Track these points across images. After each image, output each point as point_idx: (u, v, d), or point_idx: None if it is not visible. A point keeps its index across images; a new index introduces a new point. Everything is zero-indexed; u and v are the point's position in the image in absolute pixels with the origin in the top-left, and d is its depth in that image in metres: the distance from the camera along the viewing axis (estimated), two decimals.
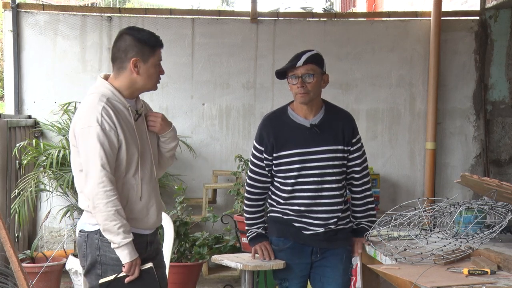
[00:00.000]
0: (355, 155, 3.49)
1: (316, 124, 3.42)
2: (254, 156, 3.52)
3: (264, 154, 3.47)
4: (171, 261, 4.65)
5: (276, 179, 3.49)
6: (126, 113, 2.97)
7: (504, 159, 7.02)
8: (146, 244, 3.05)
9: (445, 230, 3.26)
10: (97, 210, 2.86)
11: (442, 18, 6.75)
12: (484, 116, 6.95)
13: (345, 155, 3.46)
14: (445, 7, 6.91)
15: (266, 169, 3.50)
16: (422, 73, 6.90)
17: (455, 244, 3.11)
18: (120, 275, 2.92)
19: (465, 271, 2.83)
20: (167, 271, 3.52)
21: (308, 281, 3.59)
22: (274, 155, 3.44)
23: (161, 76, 3.07)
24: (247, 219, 3.60)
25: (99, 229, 2.94)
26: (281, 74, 3.43)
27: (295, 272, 3.49)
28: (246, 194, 3.59)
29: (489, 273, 2.82)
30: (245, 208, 3.61)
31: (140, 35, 2.98)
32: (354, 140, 3.48)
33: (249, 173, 3.56)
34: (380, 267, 3.11)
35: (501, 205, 3.27)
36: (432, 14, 6.73)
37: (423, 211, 3.14)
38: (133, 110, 3.02)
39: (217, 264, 3.90)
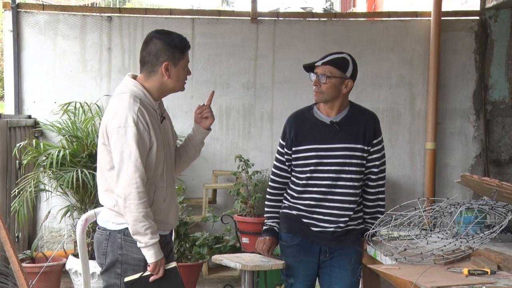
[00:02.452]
0: (374, 156, 3.46)
1: (337, 122, 3.43)
2: (277, 151, 3.60)
3: (284, 149, 3.52)
4: None
5: (293, 173, 3.52)
6: (155, 115, 3.01)
7: (504, 159, 7.01)
8: (164, 244, 3.08)
9: (445, 230, 3.26)
10: (128, 210, 2.88)
11: (442, 18, 6.75)
12: (484, 116, 6.95)
13: (364, 154, 3.44)
14: (445, 7, 6.91)
15: (286, 163, 3.54)
16: (422, 73, 6.90)
17: (455, 244, 3.11)
18: (145, 274, 2.95)
19: (465, 271, 2.83)
20: None
21: (317, 281, 3.59)
22: (293, 149, 3.48)
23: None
24: (266, 212, 3.66)
25: (123, 229, 2.97)
26: (308, 67, 3.46)
27: (301, 269, 3.50)
28: (268, 188, 3.66)
29: (489, 273, 2.82)
30: (266, 201, 3.66)
31: (170, 40, 3.00)
32: (375, 141, 3.46)
33: (272, 168, 3.63)
34: (380, 267, 3.12)
35: (501, 205, 3.27)
36: (432, 14, 6.73)
37: (423, 211, 3.14)
38: (159, 112, 3.06)
39: (217, 264, 3.90)
